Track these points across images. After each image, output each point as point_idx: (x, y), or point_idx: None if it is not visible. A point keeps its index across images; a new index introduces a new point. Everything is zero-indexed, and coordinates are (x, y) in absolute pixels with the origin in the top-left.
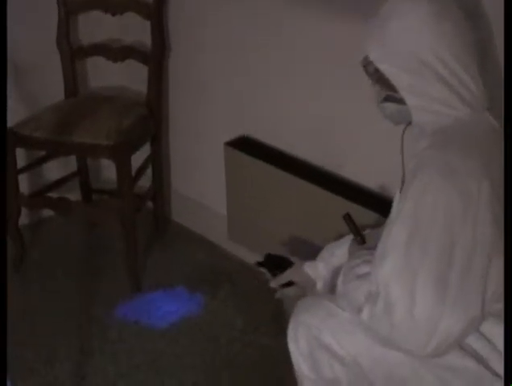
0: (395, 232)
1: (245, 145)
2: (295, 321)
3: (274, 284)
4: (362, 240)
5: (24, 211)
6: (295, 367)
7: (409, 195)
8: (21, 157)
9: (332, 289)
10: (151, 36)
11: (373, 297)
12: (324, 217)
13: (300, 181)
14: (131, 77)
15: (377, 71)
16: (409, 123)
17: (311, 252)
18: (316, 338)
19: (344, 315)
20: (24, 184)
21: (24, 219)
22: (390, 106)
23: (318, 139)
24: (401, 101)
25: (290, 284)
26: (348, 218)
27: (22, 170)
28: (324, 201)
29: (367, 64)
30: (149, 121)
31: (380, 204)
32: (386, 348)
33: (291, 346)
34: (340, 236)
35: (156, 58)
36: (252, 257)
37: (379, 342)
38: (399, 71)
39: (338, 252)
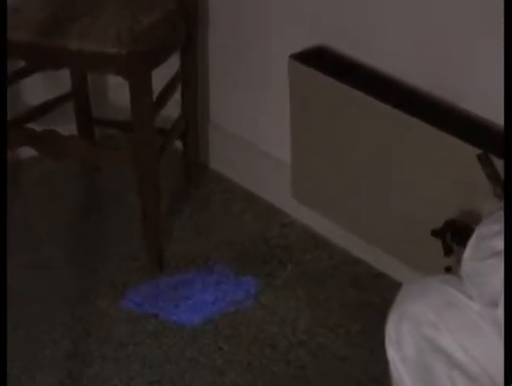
0: None
1: (321, 59)
2: (398, 313)
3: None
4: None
5: None
6: (395, 379)
7: None
8: None
9: None
10: None
11: None
12: (435, 169)
13: (402, 115)
14: None
15: None
16: None
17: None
18: (429, 338)
19: (472, 307)
20: None
21: None
22: None
23: (428, 55)
24: None
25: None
26: (485, 158)
27: None
28: (436, 145)
29: None
30: (178, 20)
31: None
32: None
33: (390, 350)
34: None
35: None
36: (325, 225)
37: None
38: None
39: None
